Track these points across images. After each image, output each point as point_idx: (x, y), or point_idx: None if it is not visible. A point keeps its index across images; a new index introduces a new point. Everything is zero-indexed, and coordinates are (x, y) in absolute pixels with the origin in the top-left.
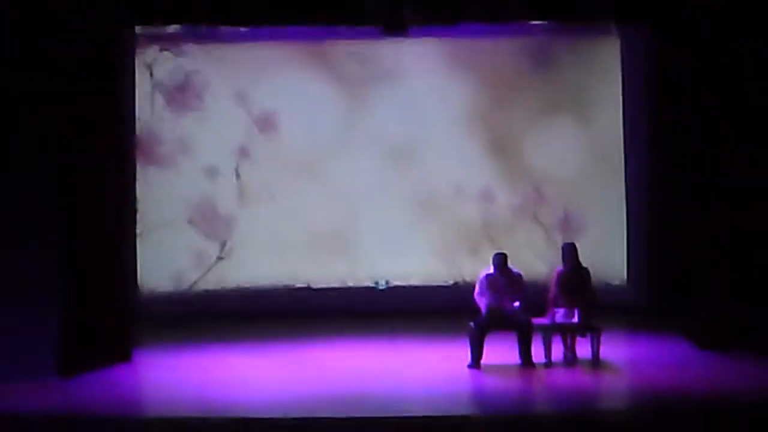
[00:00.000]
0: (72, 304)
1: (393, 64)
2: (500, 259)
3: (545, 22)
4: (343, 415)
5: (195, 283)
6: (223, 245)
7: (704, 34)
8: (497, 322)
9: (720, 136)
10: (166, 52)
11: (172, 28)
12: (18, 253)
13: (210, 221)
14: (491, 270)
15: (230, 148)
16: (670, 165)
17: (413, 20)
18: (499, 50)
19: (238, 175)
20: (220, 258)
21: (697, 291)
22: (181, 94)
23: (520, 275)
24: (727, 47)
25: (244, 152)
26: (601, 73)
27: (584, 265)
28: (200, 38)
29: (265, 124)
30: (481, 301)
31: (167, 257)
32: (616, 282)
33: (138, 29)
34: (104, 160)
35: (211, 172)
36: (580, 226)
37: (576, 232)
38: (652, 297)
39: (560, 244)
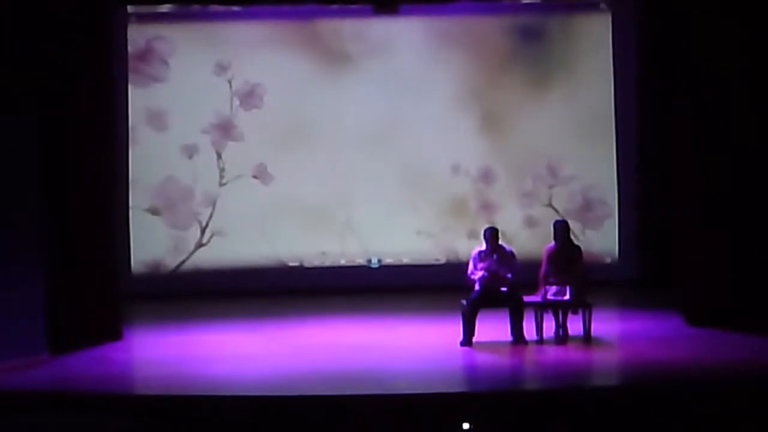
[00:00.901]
0: (62, 281)
1: (383, 41)
2: (491, 233)
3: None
4: (334, 393)
5: (178, 265)
6: (205, 226)
7: (693, 6)
8: (489, 299)
9: (711, 108)
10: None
11: (165, 8)
12: (7, 229)
13: (192, 201)
14: (483, 247)
15: (210, 124)
16: (660, 139)
17: None
18: (489, 27)
19: (219, 156)
20: (201, 245)
21: (688, 266)
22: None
23: (512, 252)
24: (716, 18)
25: (227, 128)
26: (593, 47)
27: (575, 242)
28: (189, 17)
29: (250, 99)
30: (475, 278)
31: (149, 239)
32: (608, 260)
33: (130, 8)
34: (94, 137)
35: (189, 150)
36: (571, 201)
37: (567, 208)
38: (644, 272)
39: (551, 220)
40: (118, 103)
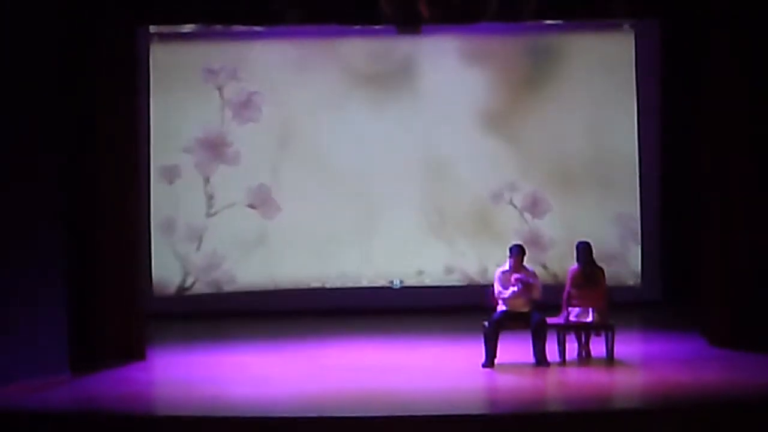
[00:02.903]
0: (85, 301)
1: (405, 62)
2: (519, 250)
3: (560, 22)
4: (355, 414)
5: (189, 286)
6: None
7: (716, 26)
8: (511, 320)
9: (733, 129)
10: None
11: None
12: (32, 249)
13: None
14: (506, 267)
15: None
16: (684, 160)
17: (428, 20)
18: (512, 47)
19: (207, 180)
20: (184, 289)
21: (711, 287)
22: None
23: (534, 272)
24: (741, 38)
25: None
26: (616, 68)
27: (599, 264)
28: (214, 37)
29: (246, 110)
30: (506, 296)
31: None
32: (631, 282)
33: (153, 29)
34: (116, 156)
35: (170, 172)
36: (593, 225)
37: (588, 231)
38: (667, 294)
39: (574, 243)
40: (141, 121)
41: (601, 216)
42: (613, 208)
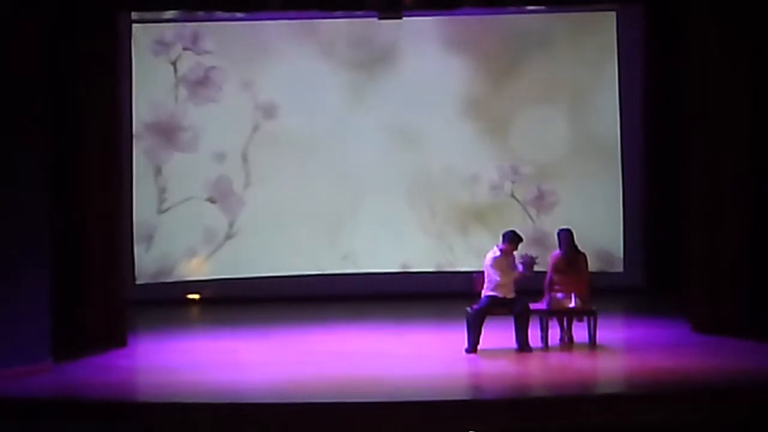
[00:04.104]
0: (67, 288)
1: (386, 47)
2: (512, 236)
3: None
4: (340, 400)
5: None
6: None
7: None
8: (495, 306)
9: (717, 115)
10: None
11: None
12: (12, 235)
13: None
14: (497, 252)
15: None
16: (667, 145)
17: (410, 6)
18: (495, 33)
19: (159, 170)
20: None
21: (695, 272)
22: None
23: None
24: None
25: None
26: (598, 51)
27: (581, 249)
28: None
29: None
30: (499, 283)
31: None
32: (614, 268)
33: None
34: (102, 141)
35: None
36: (575, 211)
37: (570, 217)
38: (650, 279)
39: (555, 230)
40: (124, 108)
41: (584, 202)
42: (596, 194)
